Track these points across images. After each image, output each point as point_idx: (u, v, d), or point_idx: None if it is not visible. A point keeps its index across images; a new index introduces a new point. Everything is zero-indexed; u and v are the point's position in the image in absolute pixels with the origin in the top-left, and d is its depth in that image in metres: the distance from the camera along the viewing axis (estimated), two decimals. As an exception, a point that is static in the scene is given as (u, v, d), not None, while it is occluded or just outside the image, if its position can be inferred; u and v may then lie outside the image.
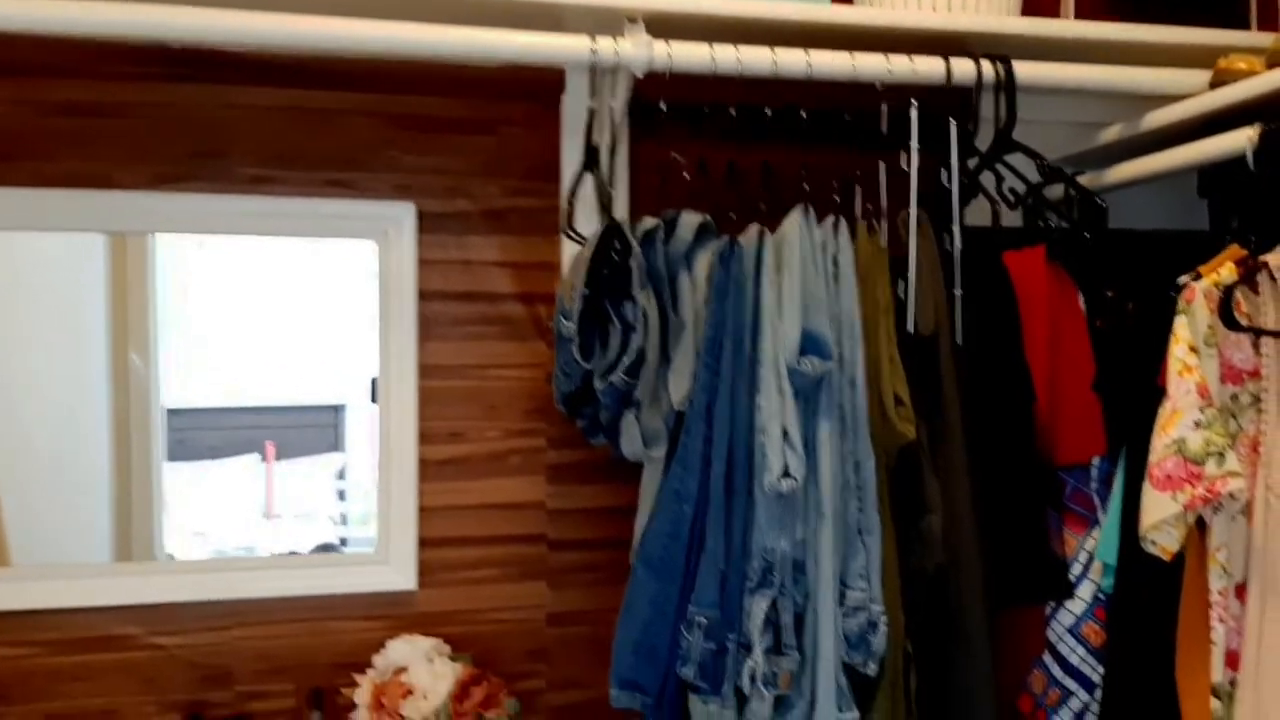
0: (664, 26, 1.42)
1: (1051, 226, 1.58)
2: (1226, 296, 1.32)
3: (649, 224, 1.44)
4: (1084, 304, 1.53)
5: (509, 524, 1.69)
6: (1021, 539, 1.45)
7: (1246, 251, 1.37)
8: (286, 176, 1.59)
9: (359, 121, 1.62)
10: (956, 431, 1.41)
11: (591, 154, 1.46)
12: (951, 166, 1.48)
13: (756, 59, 1.43)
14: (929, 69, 1.49)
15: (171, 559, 1.74)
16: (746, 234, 1.40)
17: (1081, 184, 1.60)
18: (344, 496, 1.90)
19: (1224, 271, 1.36)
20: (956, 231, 1.45)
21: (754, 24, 1.46)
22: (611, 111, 1.49)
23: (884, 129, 1.54)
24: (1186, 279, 1.37)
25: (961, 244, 1.47)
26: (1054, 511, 1.50)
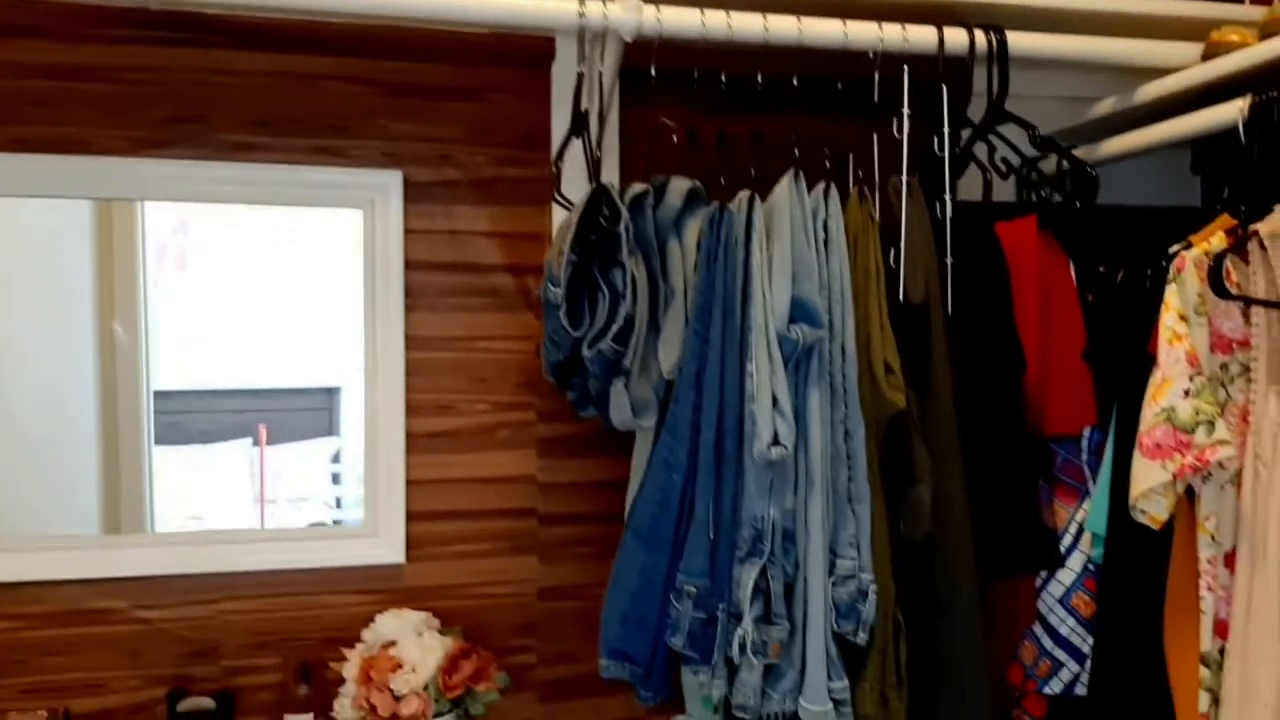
0: (654, -9, 1.40)
1: (1043, 199, 1.57)
2: (1217, 265, 1.32)
3: (638, 189, 1.42)
4: (1075, 274, 1.52)
5: (499, 498, 1.68)
6: (1011, 509, 1.45)
7: (1237, 221, 1.37)
8: (270, 143, 1.57)
9: (345, 88, 1.60)
10: (947, 401, 1.40)
11: (580, 119, 1.44)
12: (944, 134, 1.46)
13: (747, 26, 1.42)
14: (921, 37, 1.47)
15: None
16: (737, 200, 1.39)
17: (1073, 154, 1.59)
18: (338, 480, 1.88)
19: (1214, 240, 1.36)
20: (948, 199, 1.44)
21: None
22: (600, 77, 1.47)
23: (876, 98, 1.52)
24: (1177, 248, 1.37)
25: (953, 214, 1.46)
26: (1045, 483, 1.50)
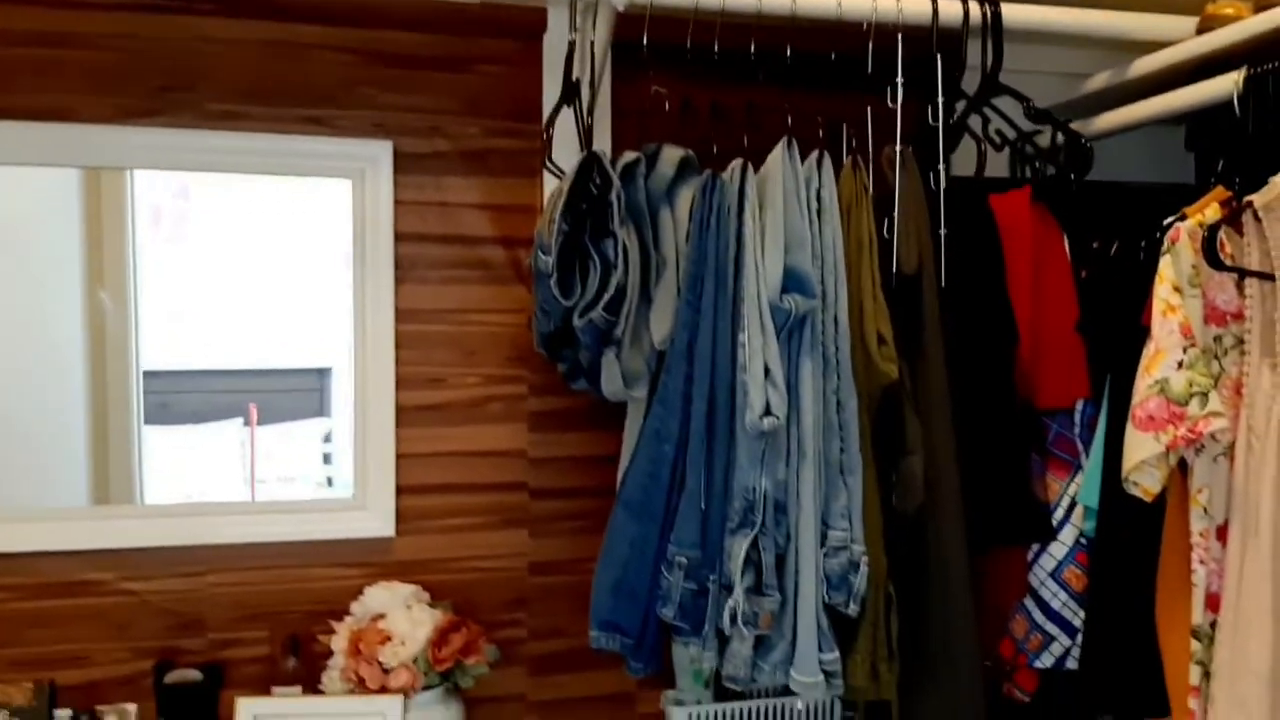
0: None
1: (1038, 172, 1.56)
2: (1211, 236, 1.32)
3: (629, 158, 1.41)
4: (1069, 248, 1.51)
5: (490, 472, 1.67)
6: (1003, 480, 1.44)
7: (1231, 193, 1.36)
8: (259, 113, 1.55)
9: (335, 57, 1.58)
10: (939, 372, 1.40)
11: (572, 88, 1.43)
12: (938, 104, 1.45)
13: (741, -4, 1.40)
14: (915, 9, 1.46)
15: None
16: (729, 169, 1.37)
17: (1067, 125, 1.58)
18: (329, 460, 1.87)
19: (1209, 212, 1.35)
20: (942, 170, 1.43)
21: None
22: (592, 47, 1.46)
23: (869, 70, 1.51)
24: (1172, 220, 1.36)
25: (946, 186, 1.45)
26: (1037, 457, 1.49)
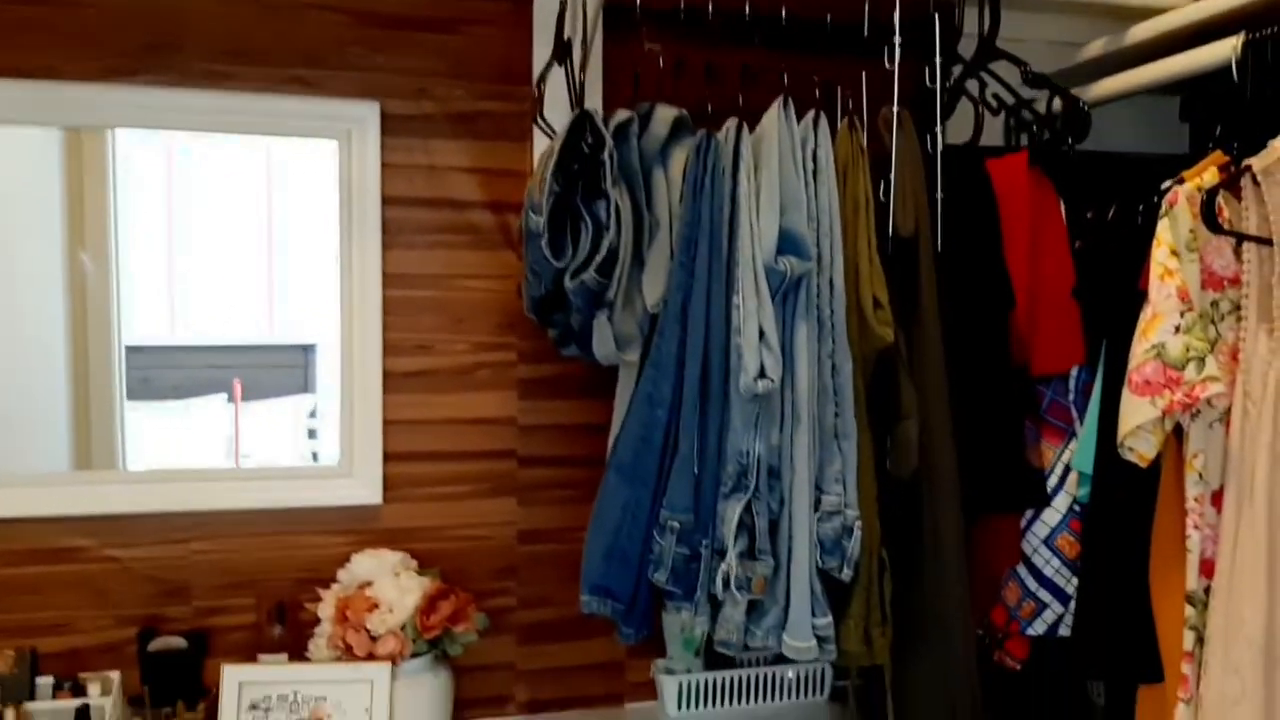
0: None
1: (1034, 137, 1.55)
2: (1209, 199, 1.31)
3: (622, 117, 1.38)
4: (1065, 213, 1.50)
5: (478, 439, 1.65)
6: (997, 447, 1.43)
7: (1229, 158, 1.35)
8: (245, 72, 1.52)
9: (322, 16, 1.55)
10: (934, 336, 1.38)
11: (563, 46, 1.41)
12: (935, 65, 1.44)
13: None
14: (912, -30, 1.44)
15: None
16: (724, 129, 1.35)
17: (1065, 90, 1.57)
18: (314, 435, 1.85)
19: (1207, 176, 1.34)
20: (939, 133, 1.42)
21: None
22: (584, 6, 1.43)
23: (865, 33, 1.49)
24: (1170, 183, 1.35)
25: (943, 150, 1.43)
26: (1031, 424, 1.48)
